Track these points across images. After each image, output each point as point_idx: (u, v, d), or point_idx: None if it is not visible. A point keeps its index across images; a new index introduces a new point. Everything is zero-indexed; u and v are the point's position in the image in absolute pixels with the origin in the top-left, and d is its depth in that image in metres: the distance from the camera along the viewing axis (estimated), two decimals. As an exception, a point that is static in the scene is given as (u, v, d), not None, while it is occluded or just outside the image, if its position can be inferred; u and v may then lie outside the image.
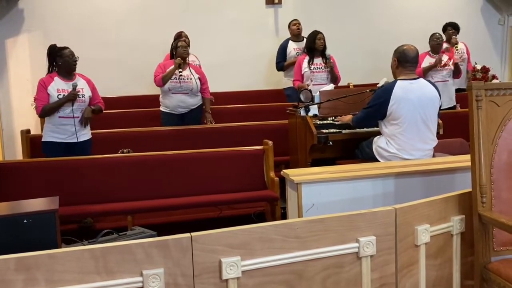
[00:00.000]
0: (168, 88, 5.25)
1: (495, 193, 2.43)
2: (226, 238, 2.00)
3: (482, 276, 2.42)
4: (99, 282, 1.84)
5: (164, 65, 5.34)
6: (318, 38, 5.67)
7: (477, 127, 2.41)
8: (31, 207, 2.54)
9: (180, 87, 5.25)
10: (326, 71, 5.65)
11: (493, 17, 8.47)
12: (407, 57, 3.63)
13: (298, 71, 5.73)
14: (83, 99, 4.42)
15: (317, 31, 5.73)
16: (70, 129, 4.39)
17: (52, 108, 4.34)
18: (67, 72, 4.42)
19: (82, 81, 4.50)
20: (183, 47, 5.30)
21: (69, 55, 4.40)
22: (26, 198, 3.07)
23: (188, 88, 5.28)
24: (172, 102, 5.32)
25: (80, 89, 4.41)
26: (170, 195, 4.27)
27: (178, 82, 5.23)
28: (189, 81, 5.27)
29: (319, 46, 5.65)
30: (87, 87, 4.50)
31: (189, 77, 5.28)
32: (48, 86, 4.36)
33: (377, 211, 2.27)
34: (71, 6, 6.96)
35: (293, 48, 6.49)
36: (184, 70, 5.26)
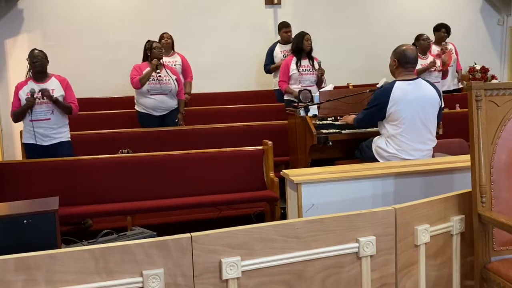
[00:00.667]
0: (147, 89, 5.24)
1: (495, 193, 2.43)
2: (226, 238, 2.00)
3: (482, 276, 2.42)
4: (99, 283, 1.84)
5: (140, 67, 5.31)
6: (306, 39, 5.54)
7: (477, 127, 2.41)
8: (31, 207, 2.54)
9: (160, 88, 5.24)
10: (314, 73, 5.58)
11: (492, 17, 8.48)
12: (408, 58, 3.63)
13: (285, 72, 5.57)
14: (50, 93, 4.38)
15: (305, 32, 5.62)
16: (39, 132, 4.40)
17: (18, 114, 4.41)
18: (36, 74, 4.45)
19: (55, 81, 4.50)
20: (158, 48, 5.29)
21: (32, 57, 4.42)
22: (26, 198, 3.08)
23: (167, 89, 5.28)
24: (152, 103, 5.29)
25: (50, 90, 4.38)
26: (170, 196, 4.27)
27: (157, 83, 5.22)
28: (167, 82, 5.27)
29: (307, 47, 5.54)
30: (60, 87, 4.49)
31: (167, 78, 5.27)
32: (19, 91, 4.42)
33: (377, 211, 2.27)
34: (71, 6, 6.96)
35: (280, 51, 6.47)
36: (161, 72, 5.24)
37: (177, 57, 6.19)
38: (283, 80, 5.62)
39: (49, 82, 4.46)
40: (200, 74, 6.68)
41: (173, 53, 6.25)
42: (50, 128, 4.43)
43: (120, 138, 5.12)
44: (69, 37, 6.82)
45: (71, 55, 6.85)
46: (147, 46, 5.40)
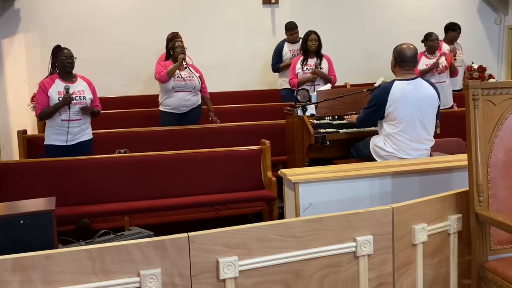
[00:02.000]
0: (172, 86, 5.25)
1: (492, 192, 2.44)
2: (224, 238, 2.00)
3: (479, 275, 2.43)
4: (96, 283, 1.84)
5: (165, 64, 5.35)
6: (310, 40, 5.60)
7: (474, 126, 2.42)
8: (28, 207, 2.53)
9: (185, 85, 5.26)
10: None
11: (489, 17, 8.49)
12: (404, 56, 3.63)
13: (293, 71, 5.69)
14: (84, 101, 4.40)
15: (310, 32, 5.65)
16: (71, 131, 4.37)
17: (48, 113, 4.35)
18: (64, 73, 4.40)
19: (83, 83, 4.49)
20: (180, 46, 5.31)
21: (64, 56, 4.37)
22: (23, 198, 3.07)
23: (192, 85, 5.29)
24: (176, 101, 5.30)
25: (81, 92, 4.39)
26: (167, 195, 4.27)
27: (182, 80, 5.24)
28: (192, 79, 5.29)
29: (311, 47, 5.58)
30: (88, 89, 4.48)
31: (191, 75, 5.29)
32: (48, 89, 4.34)
33: (375, 210, 2.27)
34: (68, 6, 6.95)
35: (289, 50, 6.47)
36: (184, 70, 5.26)
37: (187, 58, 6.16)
38: (292, 78, 5.69)
39: (77, 83, 4.43)
40: (197, 73, 6.67)
41: None
42: (80, 127, 4.42)
43: (118, 138, 5.11)
44: (66, 36, 6.79)
45: (68, 55, 6.83)
46: (170, 46, 5.46)
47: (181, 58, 5.21)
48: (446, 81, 6.02)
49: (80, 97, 4.39)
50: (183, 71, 5.27)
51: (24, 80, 6.83)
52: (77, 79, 4.47)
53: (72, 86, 4.37)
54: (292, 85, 5.68)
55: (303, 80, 5.52)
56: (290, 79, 5.73)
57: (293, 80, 5.65)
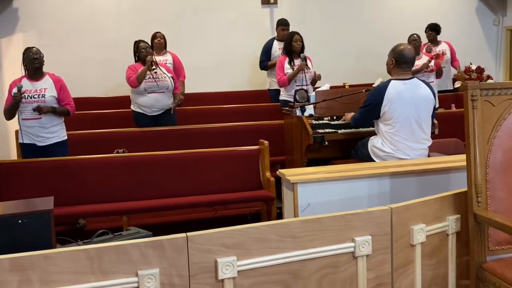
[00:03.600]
0: (144, 88, 5.21)
1: (491, 193, 2.44)
2: (222, 238, 2.00)
3: (478, 275, 2.43)
4: (94, 283, 1.84)
5: (135, 67, 5.30)
6: (294, 40, 5.51)
7: (473, 127, 2.42)
8: (26, 207, 2.53)
9: (157, 86, 5.22)
10: (309, 72, 5.56)
11: (488, 17, 8.50)
12: (405, 58, 3.64)
13: (281, 69, 5.54)
14: (43, 99, 4.34)
15: (294, 33, 5.60)
16: (34, 132, 4.36)
17: (7, 111, 4.37)
18: (33, 71, 4.40)
19: (48, 81, 4.44)
20: (145, 48, 5.27)
21: (31, 53, 4.37)
22: (21, 198, 3.07)
23: (164, 86, 5.26)
24: (148, 102, 5.27)
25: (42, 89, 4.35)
26: (165, 195, 4.26)
27: (154, 81, 5.20)
28: (163, 79, 5.25)
29: (296, 48, 5.52)
30: (53, 87, 4.42)
31: (163, 75, 5.26)
32: (12, 88, 4.37)
33: (373, 210, 2.27)
34: (66, 6, 6.93)
35: (278, 48, 6.44)
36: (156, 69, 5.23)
37: (169, 56, 6.16)
38: (282, 74, 5.54)
39: (42, 80, 4.41)
40: (196, 73, 6.67)
41: (165, 52, 6.22)
42: (42, 127, 4.37)
43: (116, 138, 5.10)
44: (64, 36, 6.79)
45: (66, 54, 6.82)
46: (134, 48, 5.42)
47: (148, 60, 5.15)
48: (434, 82, 6.06)
49: (39, 95, 4.34)
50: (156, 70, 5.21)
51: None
52: (43, 77, 4.44)
53: (35, 85, 4.36)
54: (282, 82, 5.55)
55: (292, 76, 5.44)
56: (280, 77, 5.57)
57: (283, 77, 5.49)
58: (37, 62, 4.37)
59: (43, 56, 4.44)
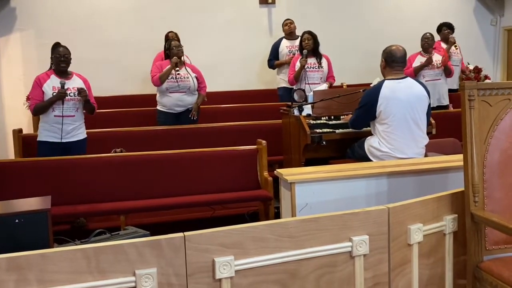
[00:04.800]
0: (166, 87, 5.23)
1: (488, 193, 2.44)
2: (220, 237, 2.00)
3: (475, 275, 2.43)
4: (92, 282, 1.83)
5: (161, 65, 5.32)
6: (303, 39, 5.65)
7: (470, 127, 2.42)
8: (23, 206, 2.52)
9: (178, 86, 5.24)
10: (320, 71, 5.65)
11: (485, 18, 8.52)
12: (394, 57, 3.66)
13: (293, 68, 5.71)
14: (78, 97, 4.38)
15: (305, 32, 5.72)
16: (65, 128, 4.36)
17: (43, 107, 4.32)
18: (58, 70, 4.39)
19: (78, 80, 4.48)
20: (177, 46, 5.29)
21: (58, 54, 4.36)
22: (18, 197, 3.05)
23: (186, 86, 5.27)
24: (170, 101, 5.30)
25: (74, 88, 4.38)
26: (163, 195, 4.26)
27: (175, 81, 5.22)
28: (186, 80, 5.26)
29: (306, 46, 5.60)
30: (84, 86, 4.45)
31: (186, 76, 5.27)
32: (43, 84, 4.34)
33: (370, 210, 2.28)
34: (64, 5, 6.93)
35: (286, 46, 6.50)
36: (180, 70, 5.25)
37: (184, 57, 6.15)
38: (291, 73, 5.71)
39: (72, 79, 4.42)
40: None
41: None
42: (73, 124, 4.40)
43: (114, 137, 5.10)
44: (62, 35, 6.76)
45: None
46: (166, 46, 5.43)
47: (173, 62, 5.17)
48: (441, 79, 6.05)
49: (75, 94, 4.37)
50: (180, 70, 5.24)
51: (19, 78, 6.80)
52: (72, 76, 4.46)
53: (67, 83, 4.36)
54: (290, 81, 5.72)
55: (297, 74, 5.58)
56: (289, 75, 5.77)
57: (290, 76, 5.71)
58: (64, 65, 4.38)
59: (70, 54, 4.41)
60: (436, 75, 6.00)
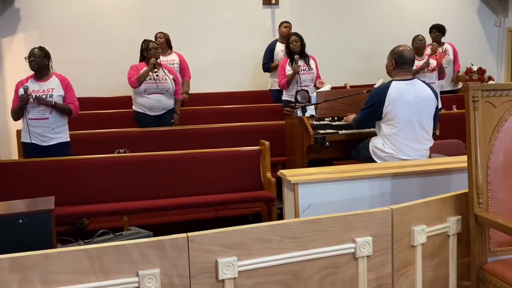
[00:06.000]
0: (144, 89, 5.21)
1: (492, 194, 2.43)
2: (223, 238, 2.00)
3: (479, 276, 2.42)
4: (95, 283, 1.84)
5: (137, 67, 5.30)
6: (291, 41, 5.59)
7: (474, 128, 2.42)
8: (27, 207, 2.53)
9: (157, 88, 5.22)
10: (311, 73, 5.61)
11: (489, 18, 8.49)
12: (405, 58, 3.64)
13: (282, 72, 5.65)
14: (49, 99, 4.33)
15: (291, 33, 5.69)
16: (40, 132, 4.35)
17: (14, 112, 4.36)
18: (34, 72, 4.39)
19: (55, 81, 4.44)
20: (154, 48, 5.26)
21: (30, 55, 4.36)
22: (22, 198, 3.07)
23: (164, 88, 5.25)
24: (149, 102, 5.27)
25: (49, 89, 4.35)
26: (166, 196, 4.26)
27: (154, 83, 5.20)
28: (164, 81, 5.25)
29: (294, 49, 5.56)
30: (59, 86, 4.42)
31: (164, 77, 5.26)
32: (19, 88, 4.35)
33: (374, 211, 2.27)
34: (67, 6, 6.94)
35: (281, 50, 6.45)
36: (158, 71, 5.23)
37: (175, 56, 6.18)
38: (282, 77, 5.65)
39: (49, 81, 4.40)
40: (197, 74, 6.67)
41: (171, 52, 6.24)
42: (48, 127, 4.37)
43: (117, 138, 5.10)
44: (66, 36, 6.80)
45: (68, 54, 6.82)
46: (144, 47, 5.38)
47: (152, 63, 5.15)
48: (436, 82, 6.05)
49: (46, 95, 4.34)
50: (158, 72, 5.21)
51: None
52: (50, 78, 4.43)
53: (42, 85, 4.35)
54: (282, 85, 5.66)
55: (289, 79, 5.55)
56: (280, 80, 5.70)
57: (282, 81, 5.63)
58: (34, 65, 4.36)
59: (45, 56, 4.39)
60: (431, 79, 5.99)
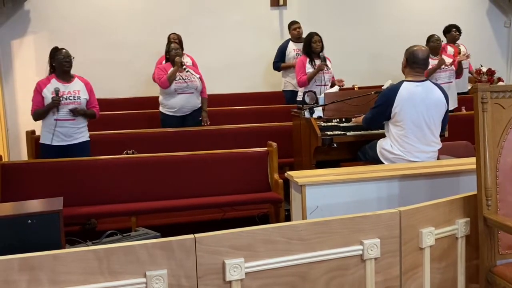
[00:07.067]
0: (174, 88, 5.25)
1: (501, 196, 2.42)
2: (230, 239, 2.00)
3: (487, 279, 2.41)
4: (103, 283, 1.84)
5: (164, 67, 5.34)
6: (314, 41, 5.53)
7: (483, 130, 2.40)
8: (35, 207, 2.54)
9: (187, 86, 5.26)
10: (329, 72, 5.60)
11: (498, 19, 8.44)
12: (416, 58, 3.62)
13: (302, 69, 5.56)
14: (78, 101, 4.39)
15: (313, 33, 5.60)
16: (66, 131, 4.38)
17: (41, 113, 4.37)
18: (62, 73, 4.42)
19: (80, 83, 4.49)
20: (175, 49, 5.30)
21: (62, 55, 4.39)
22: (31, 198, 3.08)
23: (193, 86, 5.29)
24: (178, 103, 5.30)
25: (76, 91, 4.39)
26: (174, 197, 4.27)
27: (184, 82, 5.24)
28: (193, 80, 5.28)
29: (316, 49, 5.53)
30: (85, 90, 4.48)
31: (192, 76, 5.29)
32: (43, 89, 4.37)
33: (382, 213, 2.26)
34: (77, 7, 6.99)
35: (293, 49, 6.47)
36: (183, 71, 5.26)
37: (187, 58, 6.19)
38: (302, 74, 5.54)
39: (73, 83, 4.44)
40: (205, 75, 6.66)
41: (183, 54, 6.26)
42: (73, 127, 4.42)
43: (125, 139, 5.13)
44: (75, 38, 6.84)
45: (77, 56, 6.73)
46: (166, 49, 5.46)
47: (178, 62, 5.18)
48: (453, 82, 6.00)
49: (74, 97, 4.38)
50: (183, 72, 5.25)
51: (33, 80, 6.84)
52: (74, 79, 4.47)
53: (68, 86, 4.39)
54: (302, 82, 5.56)
55: (311, 76, 5.46)
56: (299, 77, 5.61)
57: (303, 78, 5.51)
58: (68, 66, 4.41)
59: (73, 58, 4.45)
60: (449, 78, 5.94)
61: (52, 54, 4.47)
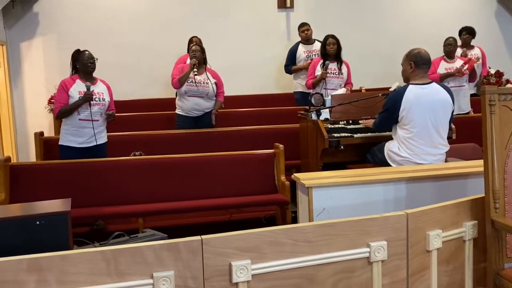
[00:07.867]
0: (185, 91, 5.28)
1: (508, 199, 2.40)
2: (237, 241, 2.01)
3: (495, 282, 2.39)
4: (110, 284, 1.86)
5: (182, 68, 5.37)
6: (328, 44, 5.57)
7: (490, 132, 2.39)
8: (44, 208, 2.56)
9: (197, 91, 5.27)
10: (340, 77, 5.61)
11: (507, 21, 8.39)
12: (423, 59, 3.62)
13: (312, 71, 5.64)
14: (103, 102, 4.44)
15: (328, 36, 5.63)
16: (89, 132, 4.40)
17: (69, 110, 4.35)
18: (85, 74, 4.44)
19: (102, 86, 4.53)
20: (194, 51, 5.32)
21: (86, 57, 4.42)
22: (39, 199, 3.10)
23: (204, 92, 5.30)
24: (188, 105, 5.34)
25: (101, 93, 4.45)
26: (181, 198, 4.28)
27: (194, 86, 5.26)
28: (205, 85, 5.29)
29: (330, 51, 5.56)
30: (107, 92, 4.52)
31: (206, 81, 5.29)
32: (69, 88, 4.37)
33: (389, 216, 2.26)
34: (85, 10, 7.04)
35: (303, 52, 6.49)
36: (201, 75, 5.27)
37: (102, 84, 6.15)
38: (310, 77, 5.65)
39: (96, 84, 4.47)
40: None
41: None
42: (97, 128, 4.44)
43: (133, 140, 5.15)
44: (84, 40, 6.88)
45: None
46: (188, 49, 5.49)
47: (192, 64, 5.20)
48: (465, 85, 5.97)
49: (100, 99, 4.43)
50: (201, 75, 5.27)
51: (41, 82, 6.93)
52: (97, 81, 4.52)
53: (93, 87, 4.41)
54: (308, 85, 5.66)
55: (316, 82, 5.54)
56: (309, 79, 5.69)
57: (309, 81, 5.63)
58: (92, 67, 4.44)
59: (96, 60, 4.48)
60: (461, 82, 5.92)
61: (74, 56, 4.48)
